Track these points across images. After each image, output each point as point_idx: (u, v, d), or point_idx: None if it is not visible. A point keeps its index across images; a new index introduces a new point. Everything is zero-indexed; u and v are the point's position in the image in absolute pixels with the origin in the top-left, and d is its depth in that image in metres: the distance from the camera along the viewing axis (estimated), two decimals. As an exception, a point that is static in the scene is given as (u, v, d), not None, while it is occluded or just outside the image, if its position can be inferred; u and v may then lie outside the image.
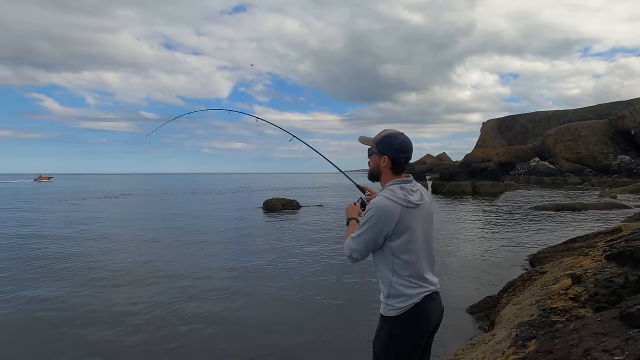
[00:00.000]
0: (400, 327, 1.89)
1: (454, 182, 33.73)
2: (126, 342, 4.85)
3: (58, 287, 7.03)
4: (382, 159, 2.00)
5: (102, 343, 4.83)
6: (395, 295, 1.90)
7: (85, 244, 11.25)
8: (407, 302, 1.88)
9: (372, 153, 2.06)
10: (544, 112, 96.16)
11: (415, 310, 1.88)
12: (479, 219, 16.72)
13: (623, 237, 4.39)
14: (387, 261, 1.92)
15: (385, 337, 1.91)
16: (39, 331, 5.22)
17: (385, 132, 2.04)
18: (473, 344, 3.35)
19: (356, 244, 1.94)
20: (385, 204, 1.87)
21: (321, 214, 19.14)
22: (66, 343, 4.84)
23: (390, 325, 1.91)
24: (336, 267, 8.46)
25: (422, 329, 1.91)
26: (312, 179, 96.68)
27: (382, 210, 1.86)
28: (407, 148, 2.00)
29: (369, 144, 2.08)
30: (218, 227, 15.02)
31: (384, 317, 1.95)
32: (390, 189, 1.94)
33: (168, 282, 7.41)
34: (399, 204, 1.87)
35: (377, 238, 1.88)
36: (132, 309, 5.94)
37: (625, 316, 2.04)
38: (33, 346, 4.81)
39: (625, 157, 57.04)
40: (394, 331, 1.90)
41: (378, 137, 2.04)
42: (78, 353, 4.60)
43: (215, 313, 5.82)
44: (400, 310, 1.88)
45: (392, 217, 1.84)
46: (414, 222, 1.90)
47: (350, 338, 4.91)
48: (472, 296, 6.18)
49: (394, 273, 1.90)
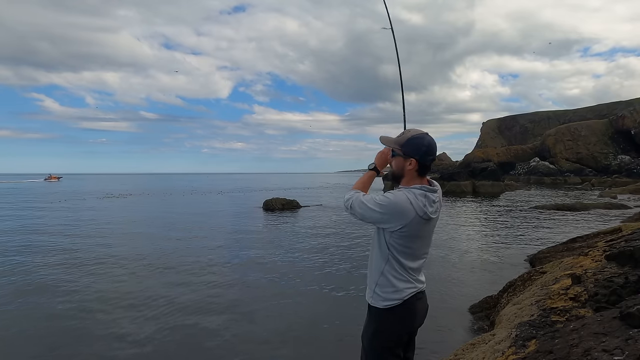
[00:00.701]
0: (387, 323, 1.95)
1: (454, 182, 33.72)
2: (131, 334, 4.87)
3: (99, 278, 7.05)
4: (408, 161, 1.91)
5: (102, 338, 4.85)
6: (384, 284, 1.94)
7: (121, 241, 11.28)
8: (394, 296, 1.92)
9: (396, 155, 1.97)
10: (544, 112, 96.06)
11: (402, 308, 1.93)
12: (479, 219, 16.72)
13: (623, 237, 4.38)
14: (384, 252, 1.94)
15: (373, 332, 1.98)
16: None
17: (410, 133, 1.94)
18: (473, 344, 3.35)
19: (359, 209, 1.90)
20: (404, 205, 1.82)
21: (321, 214, 19.15)
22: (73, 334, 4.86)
23: (378, 322, 1.97)
24: (336, 266, 8.47)
25: (407, 325, 1.98)
26: (312, 179, 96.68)
27: (397, 210, 1.83)
28: (433, 150, 1.92)
29: (392, 145, 1.99)
30: (218, 227, 15.01)
31: (372, 310, 2.00)
32: (414, 192, 1.87)
33: (172, 277, 7.42)
34: (416, 212, 1.83)
35: (378, 223, 1.91)
36: (135, 302, 5.96)
37: (625, 316, 2.04)
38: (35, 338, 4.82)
39: (625, 157, 57.01)
40: (381, 326, 1.96)
41: (403, 138, 1.94)
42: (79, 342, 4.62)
43: (215, 312, 5.83)
44: (387, 303, 1.93)
45: (402, 220, 1.83)
46: (420, 232, 1.91)
47: (351, 333, 4.92)
48: (472, 296, 6.17)
49: (387, 263, 1.93)
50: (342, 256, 9.56)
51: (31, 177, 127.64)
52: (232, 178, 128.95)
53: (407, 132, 1.97)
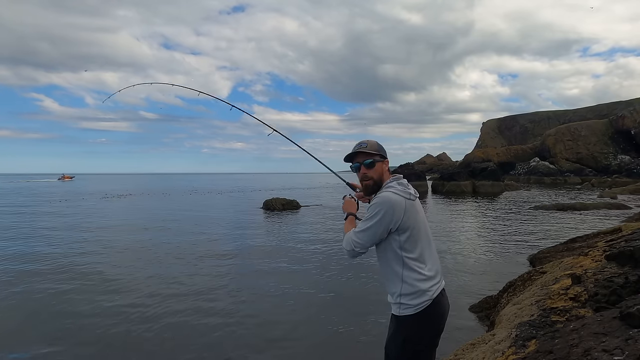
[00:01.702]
0: (416, 328, 1.89)
1: (454, 182, 33.74)
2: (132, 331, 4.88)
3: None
4: (384, 162, 2.13)
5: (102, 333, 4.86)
6: (408, 291, 1.89)
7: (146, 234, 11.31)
8: (422, 298, 1.87)
9: (377, 161, 2.08)
10: (544, 112, 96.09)
11: (432, 308, 1.88)
12: (479, 219, 16.72)
13: (623, 237, 4.38)
14: (396, 256, 1.93)
15: (402, 340, 1.91)
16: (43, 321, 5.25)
17: (374, 141, 2.13)
18: (473, 344, 3.35)
19: (361, 238, 1.95)
20: (394, 197, 1.92)
21: (321, 214, 19.15)
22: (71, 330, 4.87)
23: (407, 328, 1.90)
24: (336, 266, 8.47)
25: (438, 326, 1.93)
26: (312, 179, 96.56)
27: (391, 203, 1.89)
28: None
29: (377, 152, 2.11)
30: (218, 227, 15.01)
31: (399, 319, 1.93)
32: (391, 185, 2.01)
33: (172, 278, 7.43)
34: (404, 197, 1.93)
35: (384, 231, 1.91)
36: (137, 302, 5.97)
37: (625, 316, 2.03)
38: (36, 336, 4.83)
39: (625, 157, 57.01)
40: (411, 333, 1.89)
41: (375, 146, 2.11)
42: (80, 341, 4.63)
43: (215, 310, 5.83)
44: (416, 308, 1.87)
45: (399, 210, 1.89)
46: (417, 216, 1.96)
47: (356, 333, 4.92)
48: (472, 296, 6.18)
49: (404, 266, 1.91)
50: (343, 255, 9.56)
51: (46, 176, 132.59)
52: (232, 178, 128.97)
53: (372, 141, 2.13)
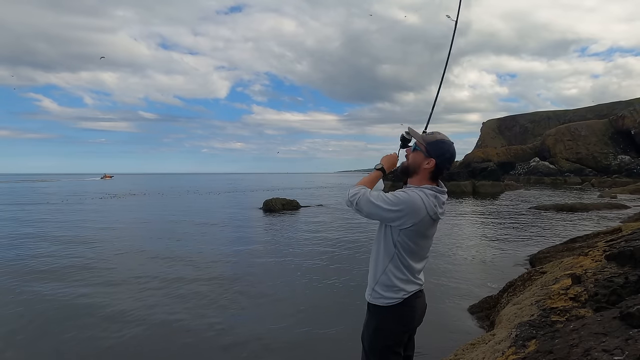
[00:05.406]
0: (387, 321, 1.95)
1: (453, 182, 33.70)
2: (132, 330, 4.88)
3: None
4: (427, 160, 1.93)
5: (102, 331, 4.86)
6: (385, 282, 1.94)
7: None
8: (395, 295, 1.92)
9: (417, 149, 1.98)
10: (544, 112, 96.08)
11: (402, 306, 1.93)
12: (479, 219, 16.71)
13: (623, 237, 4.38)
14: (389, 250, 1.94)
15: (373, 330, 1.98)
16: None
17: (439, 136, 1.96)
18: (473, 344, 3.35)
19: (367, 207, 1.89)
20: (417, 203, 1.84)
21: (321, 214, 19.14)
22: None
23: (378, 320, 1.97)
24: (336, 267, 8.46)
25: (407, 324, 1.98)
26: (312, 179, 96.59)
27: (412, 207, 1.83)
28: (453, 160, 1.98)
29: (419, 139, 2.00)
30: (218, 227, 15.00)
31: (371, 308, 2.00)
32: (425, 192, 1.89)
33: (172, 277, 7.43)
34: (427, 212, 1.85)
35: (389, 222, 1.90)
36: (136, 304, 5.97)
37: (625, 316, 2.04)
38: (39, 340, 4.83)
39: (625, 157, 57.03)
40: (381, 325, 1.96)
41: (431, 137, 1.96)
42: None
43: (214, 309, 5.83)
44: (388, 301, 1.93)
45: (414, 218, 1.84)
46: (426, 231, 1.93)
47: (351, 335, 4.92)
48: (472, 296, 6.17)
49: (392, 260, 1.93)
50: (343, 256, 9.55)
51: (90, 176, 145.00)
52: (232, 178, 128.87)
53: (437, 134, 1.98)
